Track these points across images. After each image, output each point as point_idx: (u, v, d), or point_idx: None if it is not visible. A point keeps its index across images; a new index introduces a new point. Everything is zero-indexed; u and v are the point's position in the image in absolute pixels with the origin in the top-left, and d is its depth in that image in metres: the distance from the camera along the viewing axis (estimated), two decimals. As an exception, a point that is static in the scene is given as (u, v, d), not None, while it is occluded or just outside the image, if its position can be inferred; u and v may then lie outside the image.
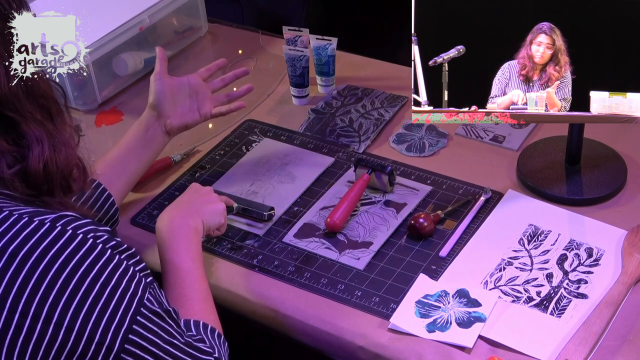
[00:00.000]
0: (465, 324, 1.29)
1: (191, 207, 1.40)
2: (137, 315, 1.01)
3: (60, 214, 1.00)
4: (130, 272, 1.01)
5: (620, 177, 1.54)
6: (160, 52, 1.59)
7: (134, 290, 1.01)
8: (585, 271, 1.37)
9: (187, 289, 1.27)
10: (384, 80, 1.86)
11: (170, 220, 1.36)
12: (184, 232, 1.34)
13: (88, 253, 0.98)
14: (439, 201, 1.53)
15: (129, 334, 1.00)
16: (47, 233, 0.98)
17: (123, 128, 1.80)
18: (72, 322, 0.97)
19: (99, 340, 0.98)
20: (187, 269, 1.29)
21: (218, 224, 1.43)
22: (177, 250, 1.31)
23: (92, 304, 0.98)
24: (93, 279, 0.98)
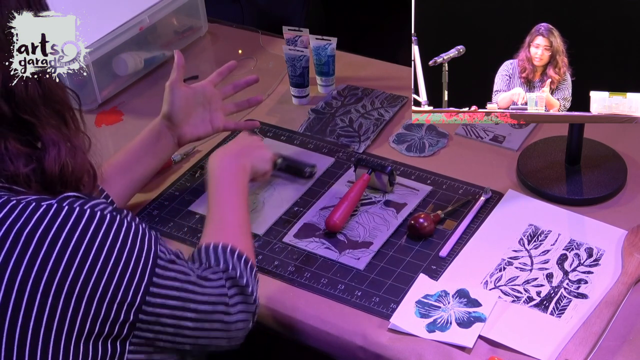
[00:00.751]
0: (465, 324, 1.29)
1: (241, 150, 1.47)
2: (155, 268, 1.08)
3: (63, 196, 1.04)
4: (141, 231, 1.08)
5: (620, 177, 1.54)
6: (179, 58, 1.57)
7: (148, 246, 1.08)
8: (585, 271, 1.37)
9: (227, 216, 1.34)
10: (384, 80, 1.86)
11: (220, 159, 1.43)
12: (232, 170, 1.41)
13: (99, 224, 1.03)
14: (439, 201, 1.53)
15: (150, 286, 1.06)
16: (57, 213, 1.02)
17: (123, 128, 1.80)
18: (93, 292, 1.01)
19: (120, 299, 1.04)
20: (229, 201, 1.36)
21: (264, 170, 1.51)
22: (223, 184, 1.39)
23: (112, 269, 1.03)
24: (110, 247, 1.03)
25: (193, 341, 1.15)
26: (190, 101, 1.56)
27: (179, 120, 1.54)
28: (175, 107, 1.54)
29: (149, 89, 1.90)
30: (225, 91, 1.63)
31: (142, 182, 1.54)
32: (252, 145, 1.51)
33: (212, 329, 1.16)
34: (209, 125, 1.59)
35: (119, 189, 1.48)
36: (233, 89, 1.65)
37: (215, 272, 1.20)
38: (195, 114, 1.57)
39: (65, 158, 1.07)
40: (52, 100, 1.07)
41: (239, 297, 1.20)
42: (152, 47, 1.96)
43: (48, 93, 1.07)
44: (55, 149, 1.06)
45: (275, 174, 1.59)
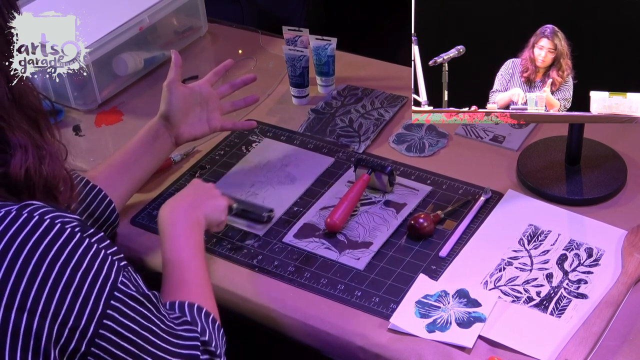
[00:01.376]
0: (465, 324, 1.29)
1: (194, 200, 1.40)
2: (111, 300, 0.99)
3: (25, 203, 0.99)
4: (102, 255, 1.00)
5: (620, 177, 1.54)
6: (176, 58, 1.56)
7: (107, 272, 0.99)
8: (585, 271, 1.37)
9: (186, 274, 1.27)
10: (384, 80, 1.86)
11: (171, 210, 1.36)
12: (185, 223, 1.34)
13: (56, 237, 0.97)
14: (439, 201, 1.53)
15: (103, 318, 0.98)
16: (14, 220, 0.96)
17: (123, 128, 1.80)
18: (46, 309, 0.95)
19: (72, 325, 0.96)
20: (187, 257, 1.30)
21: (218, 221, 1.43)
22: (178, 239, 1.32)
23: (64, 289, 0.96)
24: (63, 263, 0.96)
25: None
26: (187, 101, 1.56)
27: (177, 120, 1.54)
28: (172, 107, 1.54)
29: (149, 89, 1.90)
30: (222, 91, 1.63)
31: (141, 181, 1.54)
32: (205, 195, 1.43)
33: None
34: (206, 125, 1.58)
35: (118, 189, 1.48)
36: (230, 89, 1.64)
37: (191, 330, 1.12)
38: (192, 114, 1.57)
39: (32, 163, 1.01)
40: (25, 106, 1.03)
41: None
42: (152, 47, 1.96)
43: (19, 98, 1.02)
44: (21, 153, 1.00)
45: (232, 221, 1.51)
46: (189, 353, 1.09)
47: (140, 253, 1.49)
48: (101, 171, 1.48)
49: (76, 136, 1.79)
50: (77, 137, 1.78)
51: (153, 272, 1.46)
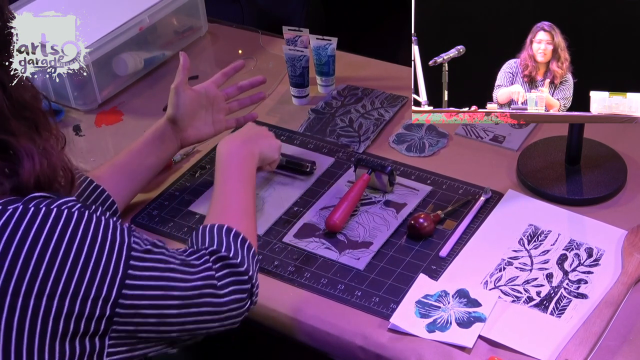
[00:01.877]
0: (465, 324, 1.29)
1: (251, 137, 1.48)
2: (130, 260, 1.05)
3: (29, 197, 1.02)
4: (112, 225, 1.05)
5: (620, 177, 1.54)
6: (184, 60, 1.56)
7: (121, 239, 1.04)
8: (585, 271, 1.37)
9: (229, 200, 1.34)
10: (384, 80, 1.86)
11: (229, 145, 1.43)
12: (240, 156, 1.41)
13: (67, 222, 1.01)
14: (439, 201, 1.53)
15: (125, 279, 1.03)
16: (23, 215, 0.99)
17: (123, 128, 1.80)
18: (65, 290, 0.99)
19: (94, 295, 1.01)
20: (235, 185, 1.37)
21: (272, 159, 1.53)
22: (231, 169, 1.39)
23: (83, 266, 1.00)
24: (79, 244, 1.01)
25: (179, 327, 1.12)
26: (195, 104, 1.56)
27: (184, 123, 1.55)
28: (181, 111, 1.54)
29: (149, 89, 1.90)
30: (228, 92, 1.63)
31: (144, 182, 1.54)
32: (261, 134, 1.51)
33: (200, 314, 1.13)
34: (211, 127, 1.59)
35: (121, 190, 1.48)
36: (237, 90, 1.64)
37: (200, 256, 1.17)
38: (198, 117, 1.57)
39: (40, 168, 1.04)
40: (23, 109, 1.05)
41: (230, 278, 1.18)
42: (152, 47, 1.96)
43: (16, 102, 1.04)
44: (29, 161, 1.04)
45: (275, 171, 1.60)
46: (204, 274, 1.14)
47: (140, 253, 1.49)
48: (104, 171, 1.48)
49: (76, 136, 1.79)
50: (77, 137, 1.79)
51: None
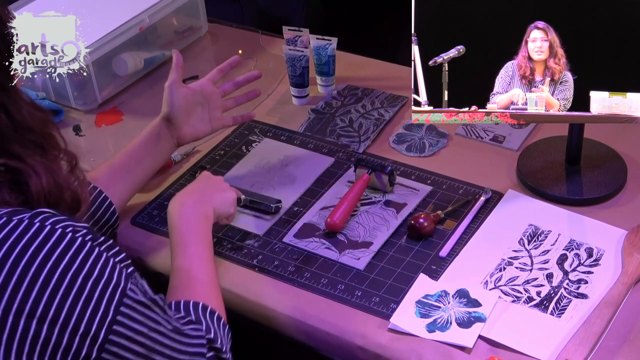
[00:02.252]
0: (465, 324, 1.29)
1: (203, 193, 1.42)
2: (120, 306, 1.01)
3: (37, 211, 1.00)
4: (111, 264, 1.01)
5: (620, 177, 1.54)
6: (177, 58, 1.55)
7: (117, 281, 1.01)
8: (585, 271, 1.37)
9: (194, 271, 1.29)
10: (384, 80, 1.86)
11: (181, 205, 1.38)
12: (194, 217, 1.37)
13: (68, 246, 0.98)
14: (439, 201, 1.52)
15: (113, 325, 1.00)
16: (26, 230, 0.98)
17: (123, 128, 1.80)
18: (56, 316, 0.96)
19: (83, 331, 0.98)
20: (195, 252, 1.32)
21: (227, 213, 1.46)
22: (187, 234, 1.34)
23: (75, 297, 0.97)
24: (75, 272, 0.98)
25: None
26: (189, 102, 1.55)
27: (179, 121, 1.54)
28: (175, 109, 1.54)
29: (149, 89, 1.90)
30: (224, 89, 1.62)
31: (142, 183, 1.54)
32: (214, 188, 1.45)
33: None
34: (208, 125, 1.58)
35: (119, 191, 1.48)
36: (234, 87, 1.64)
37: (196, 329, 1.14)
38: (194, 115, 1.57)
39: (47, 186, 1.03)
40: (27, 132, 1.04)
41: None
42: (152, 47, 1.96)
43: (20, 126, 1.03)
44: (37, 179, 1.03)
45: (240, 212, 1.52)
46: (196, 351, 1.11)
47: (140, 253, 1.49)
48: (102, 172, 1.48)
49: (76, 136, 1.79)
50: (77, 137, 1.78)
51: (153, 272, 1.46)
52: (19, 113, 1.03)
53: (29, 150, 1.04)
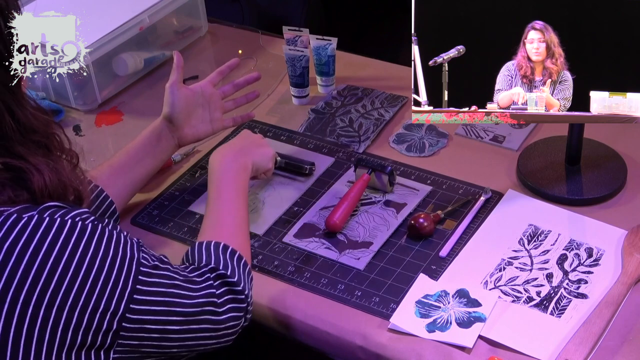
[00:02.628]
0: (465, 324, 1.29)
1: (244, 147, 1.47)
2: (138, 275, 1.07)
3: (44, 206, 1.03)
4: (123, 239, 1.07)
5: (620, 177, 1.54)
6: (178, 59, 1.56)
7: (131, 254, 1.07)
8: (585, 271, 1.37)
9: (223, 215, 1.34)
10: (384, 80, 1.86)
11: (222, 157, 1.43)
12: (233, 168, 1.41)
13: (80, 235, 1.03)
14: (439, 201, 1.52)
15: (134, 294, 1.06)
16: (38, 225, 1.01)
17: (123, 128, 1.80)
18: (75, 302, 1.01)
19: (103, 309, 1.03)
20: (228, 198, 1.37)
21: (265, 168, 1.52)
22: (223, 182, 1.39)
23: (94, 280, 1.02)
24: (92, 257, 1.02)
25: (179, 344, 1.13)
26: (190, 102, 1.56)
27: (180, 122, 1.55)
28: (176, 109, 1.54)
29: (149, 89, 1.90)
30: (224, 90, 1.63)
31: (142, 182, 1.54)
32: (254, 143, 1.51)
33: (200, 330, 1.15)
34: (209, 126, 1.59)
35: (119, 190, 1.48)
36: (233, 88, 1.64)
37: (202, 273, 1.19)
38: (195, 116, 1.57)
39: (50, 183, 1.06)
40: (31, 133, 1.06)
41: (229, 296, 1.19)
42: (152, 47, 1.96)
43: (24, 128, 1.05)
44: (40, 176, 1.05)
45: (275, 172, 1.59)
46: (206, 292, 1.16)
47: (140, 253, 1.49)
48: (103, 171, 1.48)
49: (76, 136, 1.79)
50: (77, 137, 1.79)
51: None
52: (24, 115, 1.05)
53: (31, 149, 1.06)
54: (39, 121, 1.07)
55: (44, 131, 1.08)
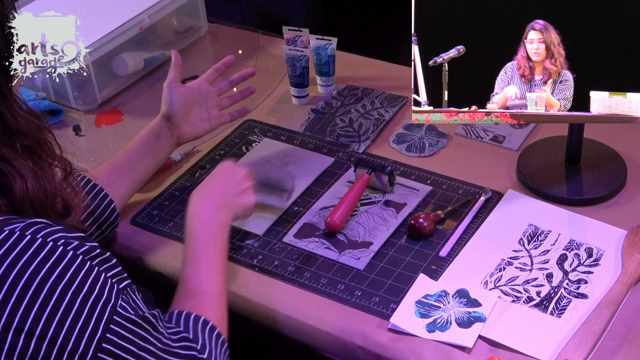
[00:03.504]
0: (465, 324, 1.29)
1: (224, 197, 1.39)
2: (110, 324, 0.99)
3: (30, 222, 0.99)
4: (102, 279, 1.00)
5: (620, 177, 1.54)
6: (176, 58, 1.56)
7: (107, 297, 1.00)
8: (585, 271, 1.37)
9: (202, 282, 1.27)
10: (384, 80, 1.86)
11: (200, 207, 1.35)
12: (211, 225, 1.34)
13: (58, 261, 0.97)
14: (439, 201, 1.52)
15: (102, 342, 0.98)
16: (17, 242, 0.97)
17: (123, 128, 1.80)
18: (44, 332, 0.95)
19: (71, 349, 0.97)
20: (207, 264, 1.29)
21: (245, 216, 1.46)
22: (202, 242, 1.31)
23: (64, 313, 0.96)
24: (64, 287, 0.97)
25: None
26: (188, 101, 1.56)
27: (178, 120, 1.55)
28: (174, 108, 1.54)
29: (149, 89, 1.90)
30: (220, 87, 1.63)
31: (142, 181, 1.54)
32: (236, 189, 1.41)
33: None
34: (207, 124, 1.59)
35: (119, 189, 1.48)
36: (229, 85, 1.65)
37: (188, 348, 1.10)
38: (193, 113, 1.57)
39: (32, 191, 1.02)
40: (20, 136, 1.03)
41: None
42: (152, 47, 1.96)
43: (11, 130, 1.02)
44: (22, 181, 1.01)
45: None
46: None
47: (140, 253, 1.49)
48: (102, 171, 1.48)
49: (76, 136, 1.79)
50: (77, 137, 1.79)
51: (153, 272, 1.46)
52: (13, 118, 1.02)
53: (18, 153, 1.02)
54: (30, 125, 1.04)
55: (34, 136, 1.04)
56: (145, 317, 1.04)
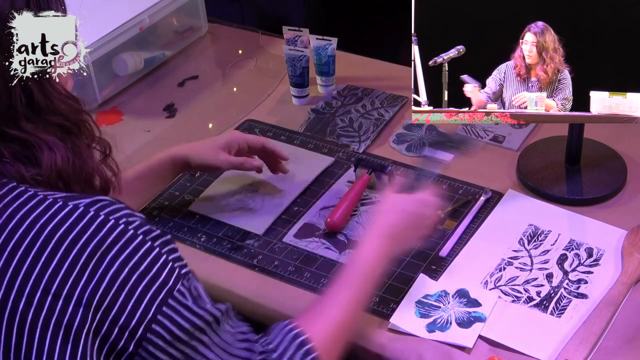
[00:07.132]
0: (465, 324, 1.29)
1: (406, 232, 1.30)
2: (163, 306, 0.99)
3: (94, 199, 1.00)
4: (162, 260, 1.00)
5: (620, 177, 1.54)
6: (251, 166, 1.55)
7: (165, 278, 0.99)
8: (585, 271, 1.37)
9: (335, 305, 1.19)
10: (384, 80, 1.86)
11: (377, 237, 1.26)
12: (380, 258, 1.25)
13: (119, 237, 0.98)
14: (439, 201, 1.52)
15: (152, 323, 0.98)
16: (81, 217, 0.98)
17: (123, 128, 1.80)
18: (99, 304, 0.96)
19: (122, 323, 0.97)
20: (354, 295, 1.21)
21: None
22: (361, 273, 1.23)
23: (119, 288, 0.97)
24: (122, 262, 0.97)
25: None
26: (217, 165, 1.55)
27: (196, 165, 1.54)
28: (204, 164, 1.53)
29: (149, 89, 1.90)
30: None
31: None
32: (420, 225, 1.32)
33: None
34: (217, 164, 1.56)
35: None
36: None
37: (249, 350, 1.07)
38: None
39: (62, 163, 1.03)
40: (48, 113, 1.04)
41: None
42: (152, 47, 1.96)
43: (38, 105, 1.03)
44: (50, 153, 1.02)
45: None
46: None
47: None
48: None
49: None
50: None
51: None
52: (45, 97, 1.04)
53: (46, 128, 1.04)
54: (67, 106, 1.06)
55: (72, 117, 1.06)
56: (207, 309, 1.03)
